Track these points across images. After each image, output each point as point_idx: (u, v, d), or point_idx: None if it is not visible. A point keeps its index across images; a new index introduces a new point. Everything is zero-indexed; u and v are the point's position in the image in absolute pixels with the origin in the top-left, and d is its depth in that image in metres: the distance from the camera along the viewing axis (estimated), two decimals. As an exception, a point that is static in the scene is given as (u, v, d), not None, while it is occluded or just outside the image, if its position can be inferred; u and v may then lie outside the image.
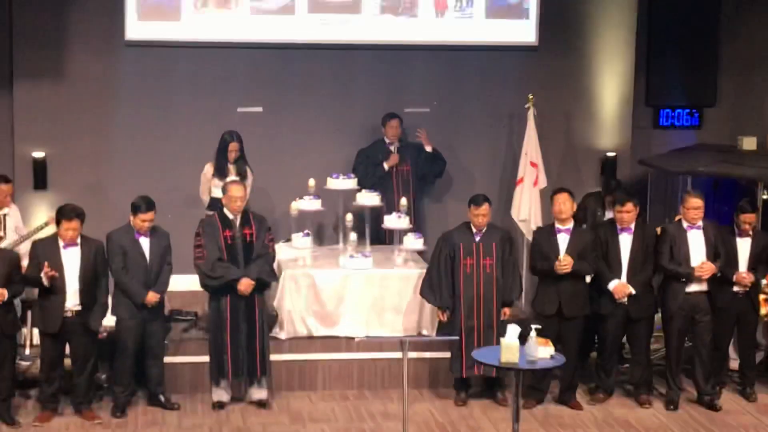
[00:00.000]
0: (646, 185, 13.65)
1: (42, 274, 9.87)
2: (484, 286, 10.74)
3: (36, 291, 10.23)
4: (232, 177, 11.85)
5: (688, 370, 11.13)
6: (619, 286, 10.69)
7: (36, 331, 10.56)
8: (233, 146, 12.08)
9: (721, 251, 10.79)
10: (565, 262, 10.60)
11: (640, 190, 13.09)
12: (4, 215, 11.38)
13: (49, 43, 12.77)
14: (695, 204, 10.74)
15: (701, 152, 13.37)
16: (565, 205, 10.78)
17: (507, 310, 10.84)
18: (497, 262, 10.77)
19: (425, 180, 13.19)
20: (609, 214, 11.90)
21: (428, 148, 13.04)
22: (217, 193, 11.96)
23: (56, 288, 9.99)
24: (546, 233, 10.89)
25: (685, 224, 10.82)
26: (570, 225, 10.82)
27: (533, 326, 9.07)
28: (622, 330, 10.93)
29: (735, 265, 10.88)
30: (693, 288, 10.78)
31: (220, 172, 12.01)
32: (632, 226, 10.77)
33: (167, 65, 13.09)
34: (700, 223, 10.79)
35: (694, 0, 13.87)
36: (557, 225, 10.82)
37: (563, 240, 10.75)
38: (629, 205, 10.72)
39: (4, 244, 10.95)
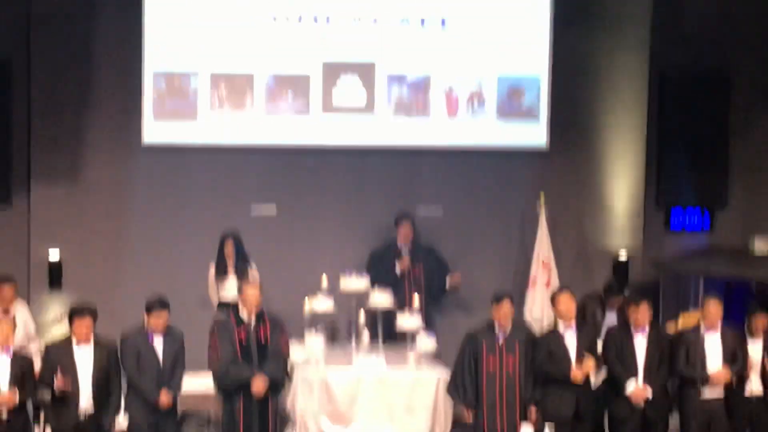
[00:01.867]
0: (658, 287, 13.64)
1: (55, 385, 9.89)
2: (507, 386, 10.63)
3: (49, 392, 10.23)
4: (232, 277, 11.94)
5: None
6: (637, 391, 10.56)
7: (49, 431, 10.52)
8: (229, 245, 12.19)
9: (739, 357, 10.74)
10: (587, 366, 10.54)
11: (652, 292, 13.08)
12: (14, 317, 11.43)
13: (67, 146, 12.96)
14: (713, 308, 10.73)
15: (713, 254, 13.41)
16: (569, 304, 10.73)
17: (534, 410, 10.66)
18: (521, 362, 10.66)
19: (431, 284, 13.16)
20: (609, 316, 11.89)
21: (448, 284, 13.05)
22: (224, 293, 12.05)
23: (70, 389, 10.00)
24: (555, 337, 10.75)
25: (702, 328, 10.82)
26: (573, 325, 10.75)
27: (547, 423, 9.02)
28: (639, 432, 10.85)
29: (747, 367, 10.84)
30: (709, 395, 10.70)
31: (219, 272, 12.14)
32: (646, 328, 10.77)
33: (182, 166, 13.24)
34: (718, 327, 10.79)
35: (703, 102, 13.98)
36: (562, 325, 10.74)
37: (571, 340, 10.67)
38: (644, 307, 10.68)
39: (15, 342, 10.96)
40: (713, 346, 10.72)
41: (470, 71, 13.50)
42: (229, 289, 12.01)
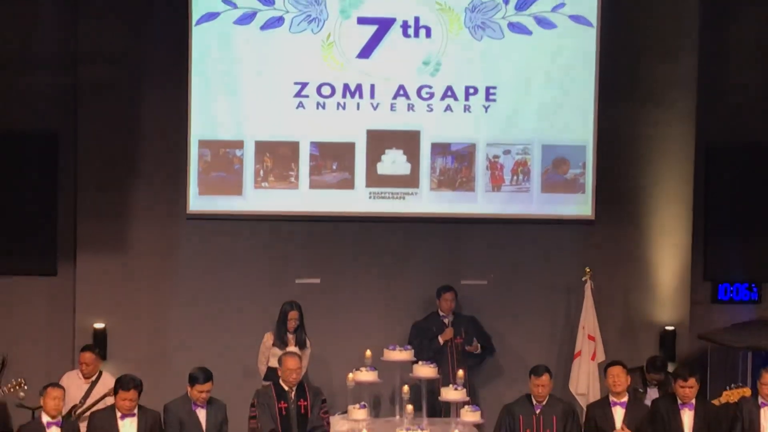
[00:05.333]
0: (706, 360, 13.48)
1: None
2: (544, 459, 10.59)
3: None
4: (292, 347, 11.92)
5: None
6: (684, 466, 10.49)
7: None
8: (293, 315, 12.22)
9: None
10: None
11: (700, 364, 12.94)
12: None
13: (112, 217, 13.02)
14: None
15: (762, 327, 13.26)
16: (619, 377, 10.72)
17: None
18: (558, 435, 10.61)
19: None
20: (651, 392, 11.80)
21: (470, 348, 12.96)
22: (276, 363, 12.01)
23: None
24: (601, 407, 10.77)
25: (759, 400, 10.64)
26: (625, 398, 10.74)
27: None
28: None
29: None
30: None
31: (281, 341, 12.11)
32: (693, 401, 10.64)
33: (227, 237, 13.27)
34: None
35: (750, 175, 13.92)
36: (612, 398, 10.72)
37: (619, 413, 10.64)
38: (692, 381, 10.54)
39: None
40: None
41: (515, 140, 13.48)
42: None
